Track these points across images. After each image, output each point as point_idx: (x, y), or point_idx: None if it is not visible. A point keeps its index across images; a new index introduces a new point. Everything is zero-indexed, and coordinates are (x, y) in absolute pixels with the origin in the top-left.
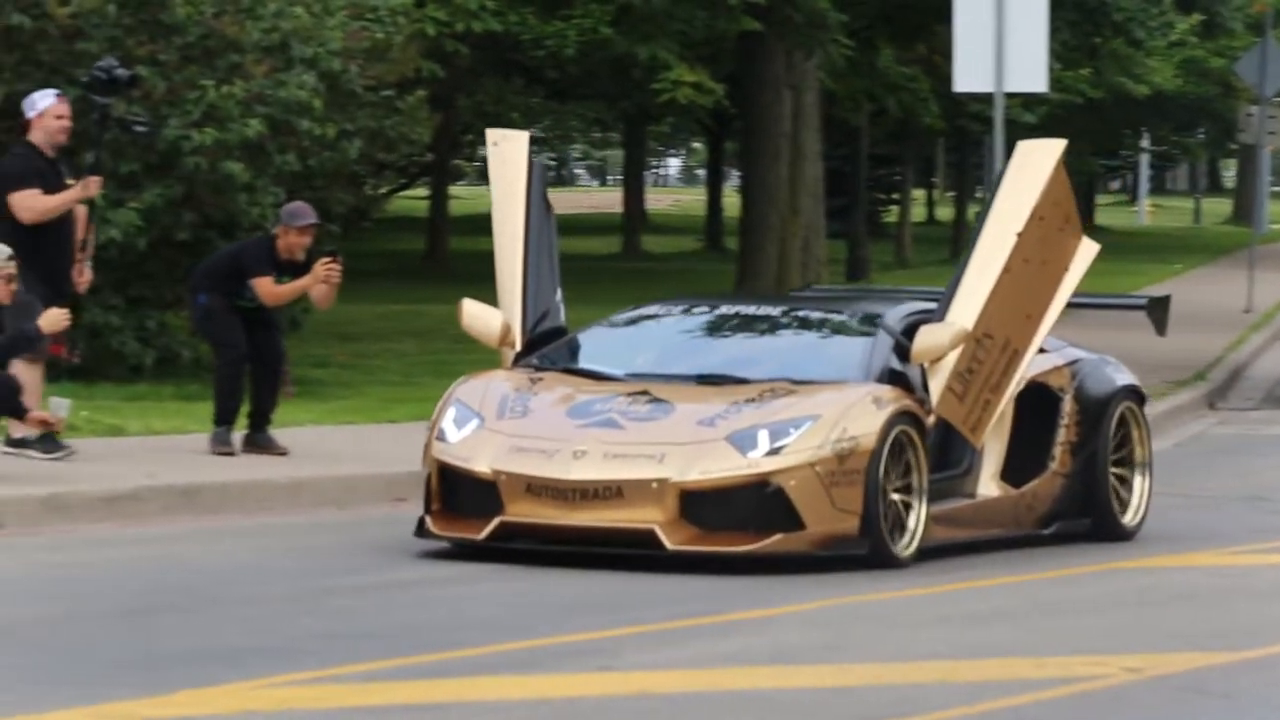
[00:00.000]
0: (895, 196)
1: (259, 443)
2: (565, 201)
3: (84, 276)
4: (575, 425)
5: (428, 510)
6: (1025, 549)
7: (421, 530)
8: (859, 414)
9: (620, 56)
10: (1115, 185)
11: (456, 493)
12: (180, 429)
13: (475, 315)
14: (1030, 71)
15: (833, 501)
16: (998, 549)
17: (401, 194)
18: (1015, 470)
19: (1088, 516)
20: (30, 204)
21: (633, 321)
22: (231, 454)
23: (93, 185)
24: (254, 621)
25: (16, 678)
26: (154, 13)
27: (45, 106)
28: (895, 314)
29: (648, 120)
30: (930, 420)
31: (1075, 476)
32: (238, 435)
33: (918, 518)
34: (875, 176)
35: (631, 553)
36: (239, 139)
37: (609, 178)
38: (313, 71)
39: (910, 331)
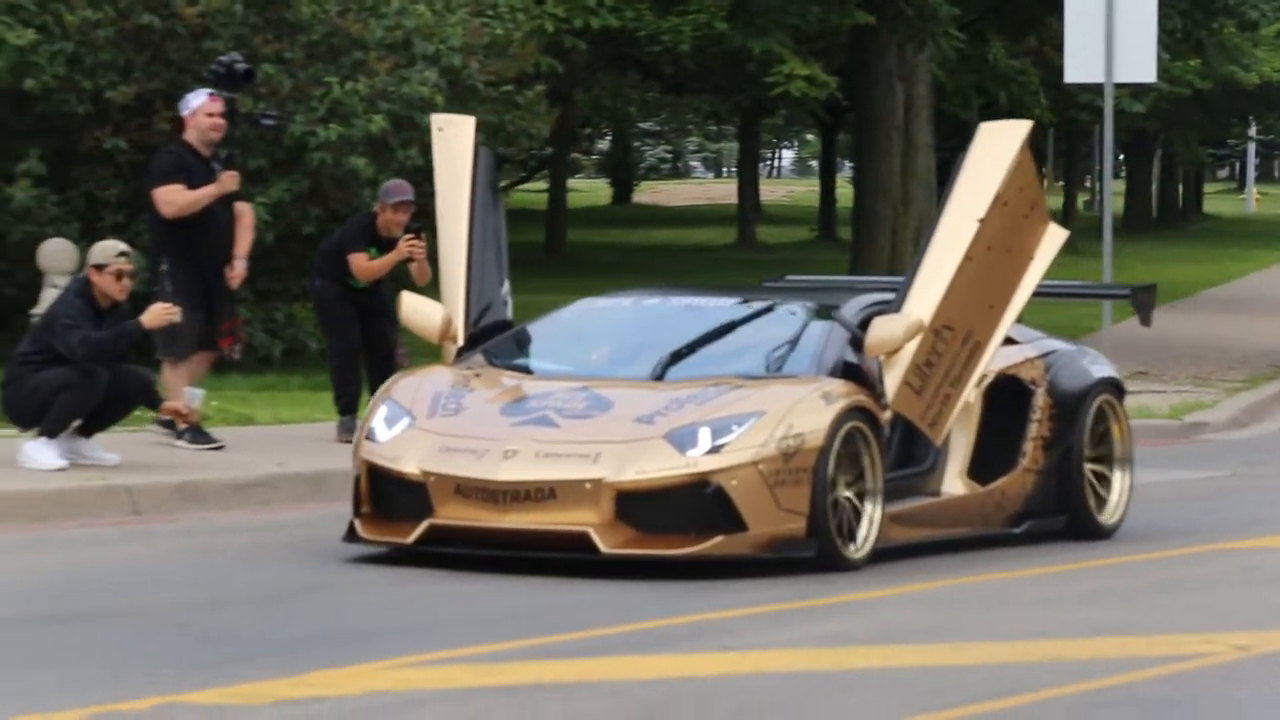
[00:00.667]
0: None
1: None
2: (681, 194)
3: (235, 272)
4: (509, 423)
5: (357, 514)
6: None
7: (351, 535)
8: (806, 410)
9: (735, 50)
10: (1223, 174)
11: (386, 495)
12: (308, 418)
13: (414, 309)
14: (1140, 62)
15: (777, 502)
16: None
17: (521, 187)
18: (984, 467)
19: (1063, 514)
20: (170, 199)
21: (581, 314)
22: None
23: (228, 180)
24: (383, 604)
25: (155, 661)
26: (279, 11)
27: (197, 105)
28: (852, 306)
29: (762, 113)
30: (886, 416)
31: (1049, 473)
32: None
33: (872, 518)
34: None
35: (564, 557)
36: (363, 134)
37: (724, 170)
38: (434, 68)
39: (868, 324)
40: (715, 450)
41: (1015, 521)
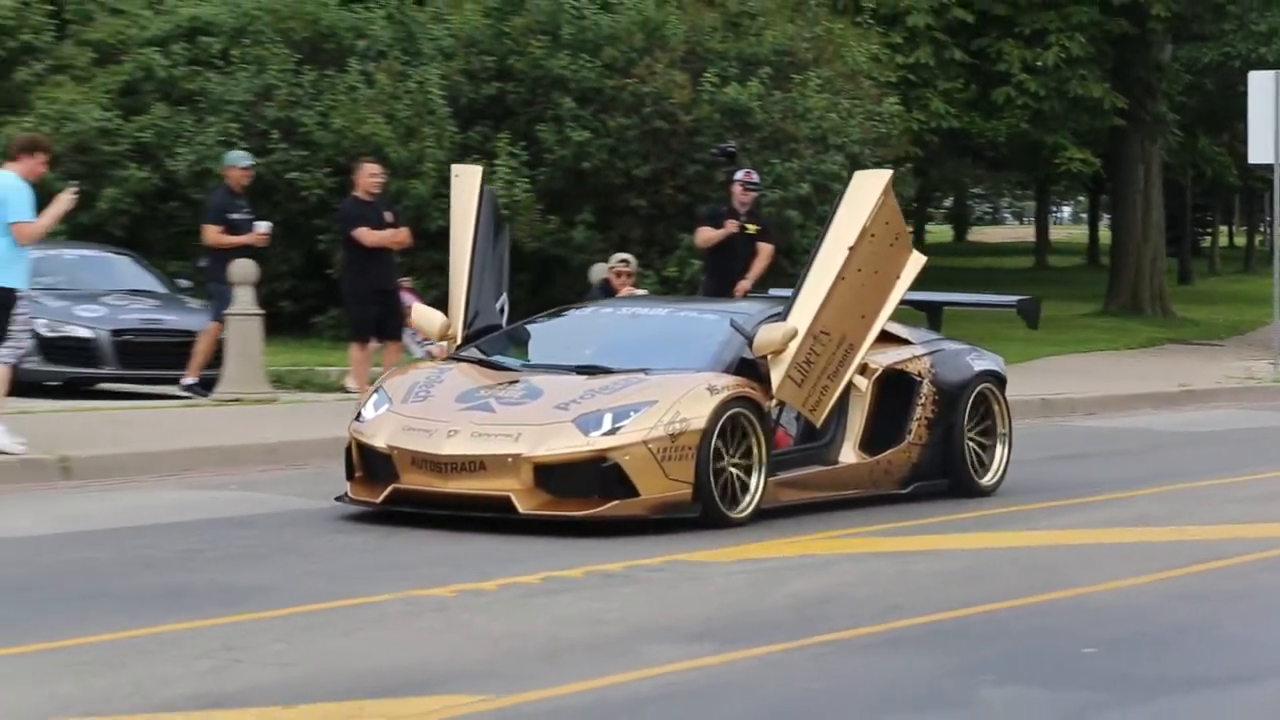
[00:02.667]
0: (1209, 230)
1: None
2: (998, 234)
3: (739, 289)
4: (458, 409)
5: (350, 478)
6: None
7: (343, 496)
8: (693, 399)
9: (1034, 142)
10: None
11: (367, 465)
12: None
13: (421, 314)
14: None
15: (665, 473)
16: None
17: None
18: (876, 442)
19: (946, 477)
20: (707, 237)
21: (551, 318)
22: None
23: (731, 225)
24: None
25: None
26: (743, 118)
27: (738, 176)
28: (755, 314)
29: (1050, 182)
30: (772, 403)
31: (933, 446)
32: None
33: (757, 485)
34: (1196, 218)
35: (492, 516)
36: (795, 196)
37: (1024, 219)
38: (841, 154)
39: None
40: (612, 432)
41: (904, 484)
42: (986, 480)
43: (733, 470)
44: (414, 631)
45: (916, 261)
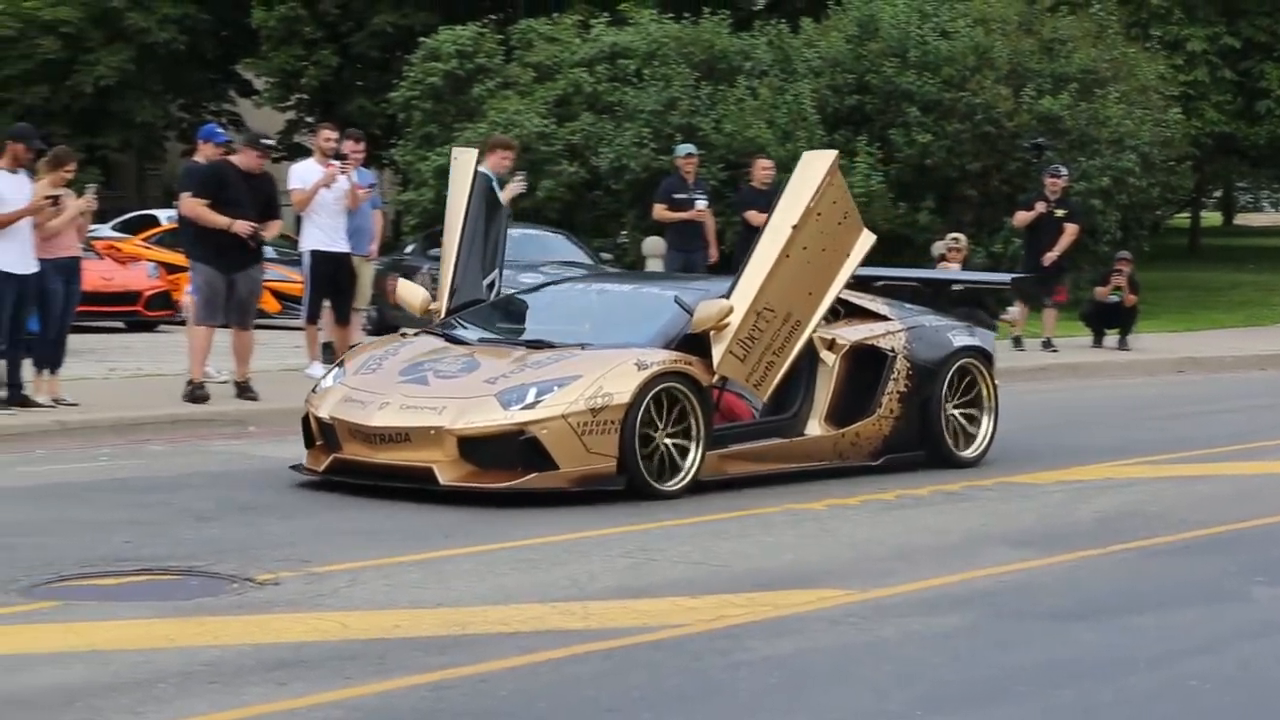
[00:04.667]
0: None
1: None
2: (1259, 219)
3: (1046, 259)
4: (397, 381)
5: (309, 447)
6: None
7: (298, 465)
8: (618, 374)
9: None
10: None
11: (318, 434)
12: None
13: (405, 289)
14: None
15: (586, 446)
16: None
17: (1175, 216)
18: (846, 415)
19: (923, 450)
20: (1022, 219)
21: (530, 293)
22: None
23: (1039, 206)
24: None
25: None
26: (1055, 124)
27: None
28: (696, 291)
29: None
30: (714, 379)
31: (908, 419)
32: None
33: (693, 459)
34: None
35: (416, 487)
36: (1098, 187)
37: None
38: (1134, 153)
39: None
40: (531, 406)
41: (875, 456)
42: (968, 452)
43: (667, 444)
44: (793, 537)
45: (866, 240)
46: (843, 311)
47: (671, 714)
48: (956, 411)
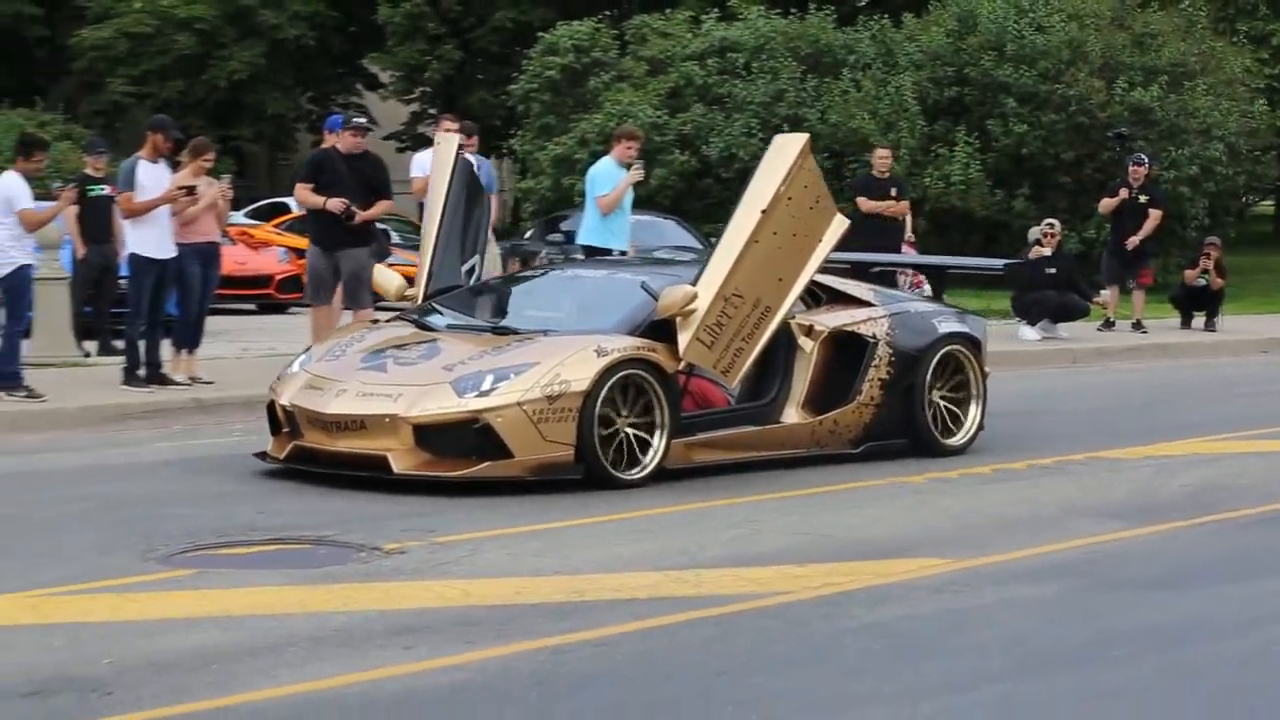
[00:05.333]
0: None
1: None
2: None
3: (1130, 242)
4: (357, 368)
5: (274, 434)
6: None
7: (262, 453)
8: (577, 361)
9: None
10: None
11: (281, 421)
12: None
13: (380, 275)
14: None
15: (542, 435)
16: None
17: (1260, 204)
18: (825, 402)
19: (905, 437)
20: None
21: (508, 280)
22: None
23: (1123, 193)
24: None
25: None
26: (1145, 115)
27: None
28: (675, 277)
29: None
30: (681, 365)
31: (890, 406)
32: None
33: (657, 447)
34: None
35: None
36: (1186, 175)
37: None
38: (1221, 143)
39: None
40: (485, 393)
41: (855, 444)
42: (954, 440)
43: (629, 432)
44: (894, 509)
45: (839, 225)
46: (824, 297)
47: (780, 677)
48: (942, 399)
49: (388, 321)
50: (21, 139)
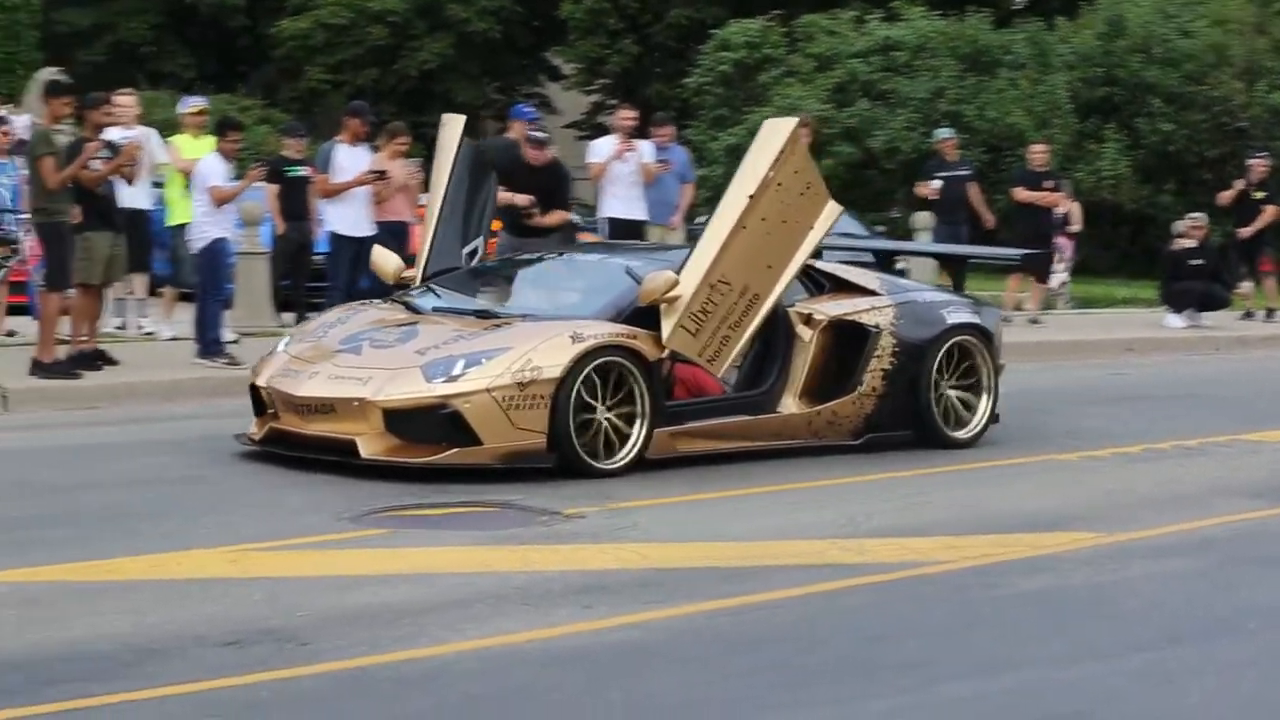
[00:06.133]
0: None
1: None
2: None
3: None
4: (334, 349)
5: (257, 415)
6: None
7: (241, 435)
8: (551, 348)
9: None
10: None
11: (261, 401)
12: None
13: (378, 255)
14: None
15: (512, 422)
16: None
17: None
18: (824, 392)
19: (911, 430)
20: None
21: (508, 262)
22: None
23: (1237, 185)
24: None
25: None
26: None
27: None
28: (649, 262)
29: None
30: (664, 353)
31: (893, 398)
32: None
33: (638, 436)
34: None
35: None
36: None
37: None
38: None
39: None
40: (455, 378)
41: (856, 435)
42: (962, 433)
43: (608, 420)
44: (1049, 485)
45: (832, 212)
46: (828, 286)
47: (937, 642)
48: (952, 391)
49: (379, 303)
50: (219, 121)
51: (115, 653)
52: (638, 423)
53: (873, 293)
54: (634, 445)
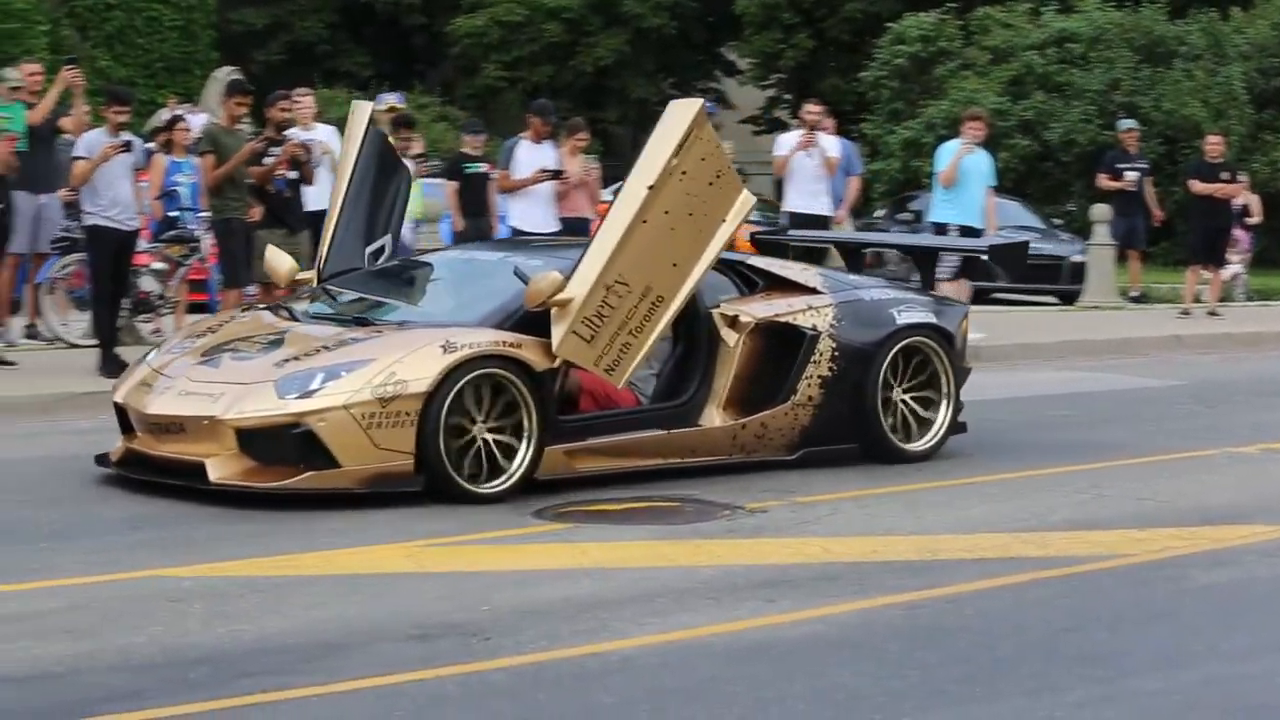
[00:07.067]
0: None
1: None
2: None
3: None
4: (196, 362)
5: (124, 433)
6: None
7: (103, 456)
8: (418, 359)
9: None
10: None
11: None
12: None
13: (271, 255)
14: None
15: (373, 442)
16: None
17: None
18: (752, 403)
19: (855, 442)
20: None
21: (410, 262)
22: None
23: None
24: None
25: None
26: None
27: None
28: (540, 262)
29: None
30: (556, 363)
31: (832, 407)
32: None
33: (524, 457)
34: None
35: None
36: None
37: None
38: None
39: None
40: (308, 395)
41: (790, 449)
42: (915, 445)
43: (490, 439)
44: (1230, 478)
45: (746, 202)
46: (761, 284)
47: (1122, 634)
48: (905, 399)
49: (253, 310)
50: (393, 119)
51: (299, 647)
52: (523, 441)
53: (812, 290)
54: (520, 466)
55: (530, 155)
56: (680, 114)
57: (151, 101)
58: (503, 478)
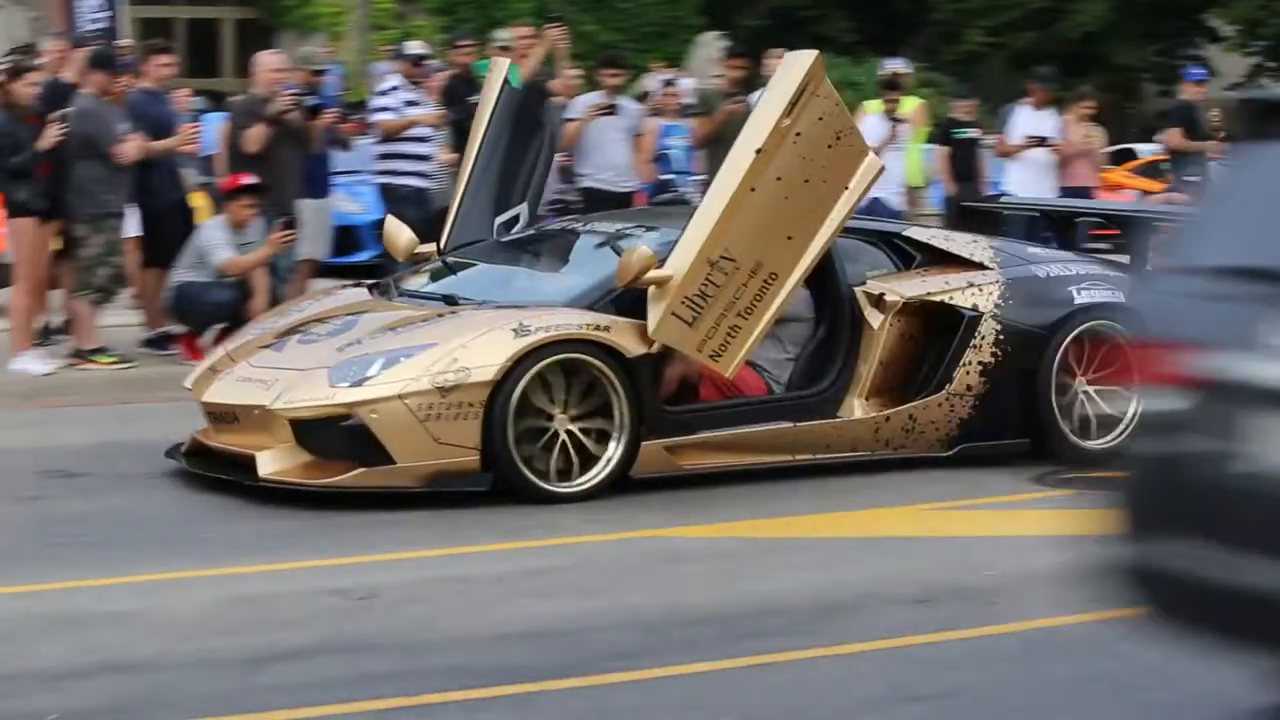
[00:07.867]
0: None
1: None
2: None
3: None
4: (264, 344)
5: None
6: None
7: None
8: (485, 343)
9: None
10: None
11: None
12: None
13: (391, 227)
14: None
15: (432, 436)
16: None
17: None
18: (907, 392)
19: (1026, 437)
20: None
21: (532, 237)
22: None
23: None
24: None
25: None
26: None
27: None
28: (651, 239)
29: None
30: (653, 348)
31: (996, 398)
32: None
33: (613, 452)
34: None
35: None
36: None
37: None
38: None
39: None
40: (360, 383)
41: (946, 445)
42: (1094, 442)
43: (572, 433)
44: None
45: (872, 166)
46: (920, 259)
47: None
48: (1087, 388)
49: (356, 286)
50: (883, 82)
51: (802, 608)
52: (613, 435)
53: (978, 266)
54: (608, 463)
55: (1029, 122)
56: (794, 69)
57: (638, 67)
58: (589, 475)
